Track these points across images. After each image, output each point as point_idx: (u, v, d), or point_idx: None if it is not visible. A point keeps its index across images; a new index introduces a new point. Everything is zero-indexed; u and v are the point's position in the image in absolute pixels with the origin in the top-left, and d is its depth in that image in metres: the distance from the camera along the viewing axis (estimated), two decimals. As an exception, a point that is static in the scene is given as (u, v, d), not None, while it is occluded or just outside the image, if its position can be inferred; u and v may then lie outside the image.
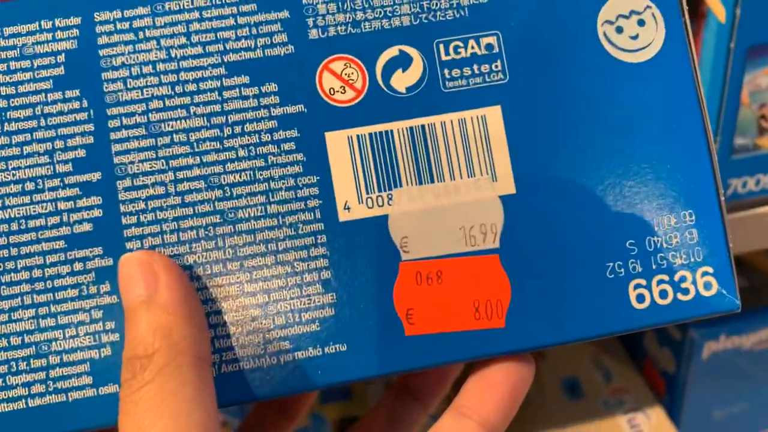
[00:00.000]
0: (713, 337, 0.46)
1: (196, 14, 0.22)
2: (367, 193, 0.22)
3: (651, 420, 0.46)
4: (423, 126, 0.22)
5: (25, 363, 0.21)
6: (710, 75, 0.38)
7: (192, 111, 0.21)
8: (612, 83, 0.22)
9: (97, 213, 0.21)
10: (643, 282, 0.22)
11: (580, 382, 0.49)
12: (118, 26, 0.22)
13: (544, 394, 0.48)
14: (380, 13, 0.22)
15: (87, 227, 0.21)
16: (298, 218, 0.21)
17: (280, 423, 0.27)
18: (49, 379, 0.21)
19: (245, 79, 0.22)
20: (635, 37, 0.23)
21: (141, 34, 0.22)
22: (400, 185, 0.22)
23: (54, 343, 0.21)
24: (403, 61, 0.22)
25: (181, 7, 0.22)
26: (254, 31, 0.22)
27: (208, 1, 0.22)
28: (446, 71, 0.22)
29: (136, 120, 0.21)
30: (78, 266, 0.21)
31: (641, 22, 0.23)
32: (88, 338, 0.21)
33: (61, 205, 0.21)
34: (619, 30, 0.23)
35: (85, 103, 0.21)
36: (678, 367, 0.48)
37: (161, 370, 0.18)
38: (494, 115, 0.22)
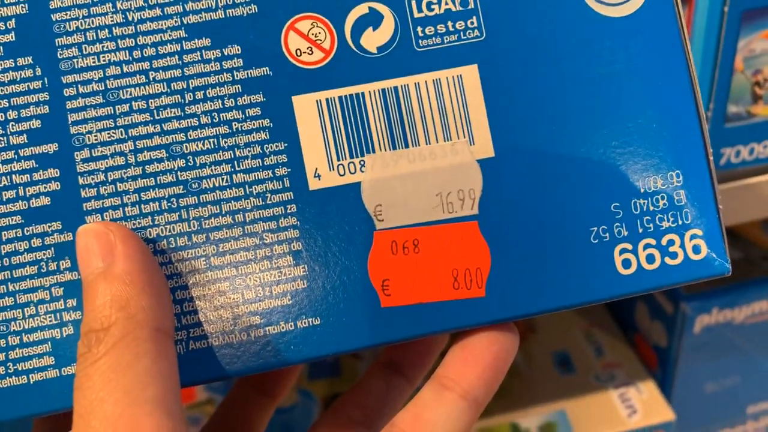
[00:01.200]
0: (705, 311, 0.46)
1: (157, -22, 0.21)
2: (338, 159, 0.21)
3: (642, 394, 0.45)
4: (396, 88, 0.21)
5: None
6: (703, 40, 0.36)
7: (151, 77, 0.20)
8: (594, 39, 0.21)
9: (54, 186, 0.20)
10: (629, 246, 0.21)
11: (572, 356, 0.48)
12: (71, -12, 0.20)
13: (535, 368, 0.47)
14: (348, -32, 0.21)
15: (44, 201, 0.20)
16: (265, 187, 0.20)
17: (262, 402, 0.27)
18: (9, 361, 0.20)
19: (206, 42, 0.21)
20: (618, -11, 0.21)
21: (95, -4, 0.20)
22: (373, 151, 0.21)
23: (13, 323, 0.20)
24: (373, 19, 0.21)
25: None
26: (215, -10, 0.21)
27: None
28: (419, 29, 0.21)
29: (92, 88, 0.20)
30: (36, 242, 0.20)
31: (624, -27, 0.22)
32: (49, 317, 0.20)
33: (17, 179, 0.20)
34: (601, -18, 0.21)
35: (38, 71, 0.20)
36: (670, 341, 0.47)
37: (116, 343, 0.18)
38: (471, 74, 0.21)
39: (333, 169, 0.21)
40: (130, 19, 0.20)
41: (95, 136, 0.20)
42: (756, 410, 0.52)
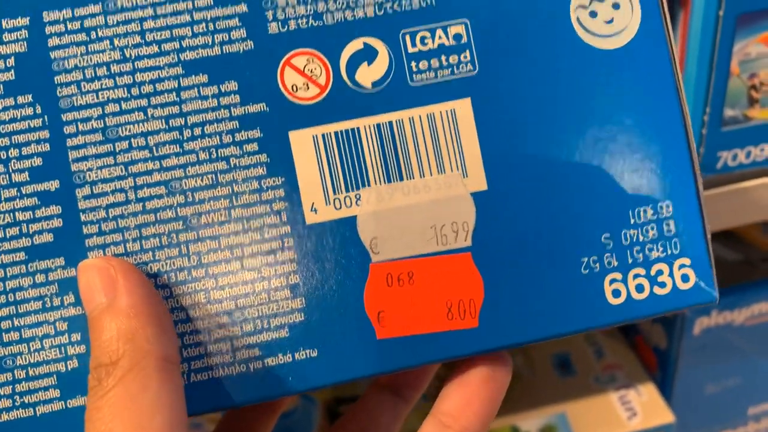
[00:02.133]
0: (705, 313, 0.46)
1: (150, 11, 0.21)
2: (335, 193, 0.21)
3: (642, 396, 0.46)
4: (390, 122, 0.21)
5: None
6: (699, 44, 0.37)
7: (150, 113, 0.21)
8: (586, 72, 0.22)
9: (57, 223, 0.21)
10: (619, 276, 0.22)
11: (572, 358, 0.49)
12: (69, 26, 0.21)
13: (535, 370, 0.48)
14: (343, 3, 0.21)
15: (47, 237, 0.21)
16: (263, 222, 0.21)
17: (261, 419, 0.27)
18: (16, 394, 0.20)
19: (204, 78, 0.21)
20: (610, 22, 0.22)
21: (93, 34, 0.21)
22: (368, 185, 0.21)
23: (19, 357, 0.20)
24: (368, 55, 0.21)
25: (134, 4, 0.21)
26: (211, 26, 0.21)
27: (162, -5, 0.21)
28: (413, 64, 0.21)
29: (92, 125, 0.21)
30: (40, 278, 0.20)
31: (616, 6, 0.22)
32: (54, 351, 0.20)
33: (20, 216, 0.20)
34: (593, 14, 0.22)
35: (38, 109, 0.21)
36: (670, 342, 0.47)
37: (125, 375, 0.18)
38: (464, 108, 0.21)
39: (329, 203, 0.21)
40: (127, 56, 0.21)
41: (96, 173, 0.21)
42: (757, 411, 0.52)
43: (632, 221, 0.22)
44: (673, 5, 0.38)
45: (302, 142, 0.21)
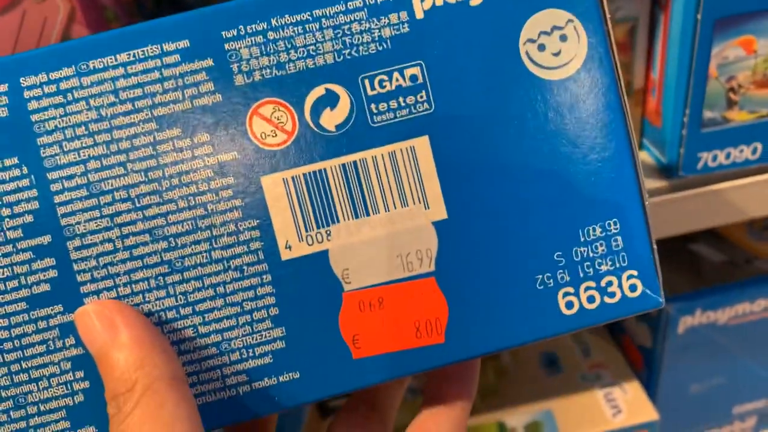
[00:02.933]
0: (689, 312, 0.46)
1: (121, 70, 0.22)
2: (307, 231, 0.23)
3: (627, 394, 0.46)
4: (355, 162, 0.23)
5: (5, 415, 0.23)
6: (678, 47, 0.37)
7: (129, 168, 0.22)
8: (536, 102, 0.23)
9: (52, 273, 0.22)
10: (571, 290, 0.24)
11: (559, 356, 0.49)
12: (46, 90, 0.22)
13: (522, 367, 0.48)
14: (303, 52, 0.22)
15: (45, 287, 0.22)
16: (242, 261, 0.23)
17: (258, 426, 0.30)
18: (30, 427, 0.23)
19: (177, 132, 0.22)
20: (558, 54, 0.23)
21: (69, 96, 0.22)
22: (338, 221, 0.23)
23: (30, 395, 0.23)
24: (330, 100, 0.23)
25: (106, 65, 0.22)
26: (180, 82, 0.22)
27: (131, 56, 0.22)
28: (373, 106, 0.23)
29: (76, 182, 0.22)
30: (42, 324, 0.22)
31: (563, 38, 0.23)
32: (61, 388, 0.23)
33: (18, 269, 0.22)
34: (542, 48, 0.23)
35: (25, 170, 0.22)
36: (654, 341, 0.47)
37: (140, 398, 0.20)
38: (423, 145, 0.23)
39: (302, 240, 0.23)
40: (104, 115, 0.22)
41: (84, 225, 0.22)
42: (742, 411, 0.52)
43: (582, 239, 0.23)
44: (654, 9, 0.39)
45: (274, 185, 0.23)
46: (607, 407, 0.46)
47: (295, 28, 0.22)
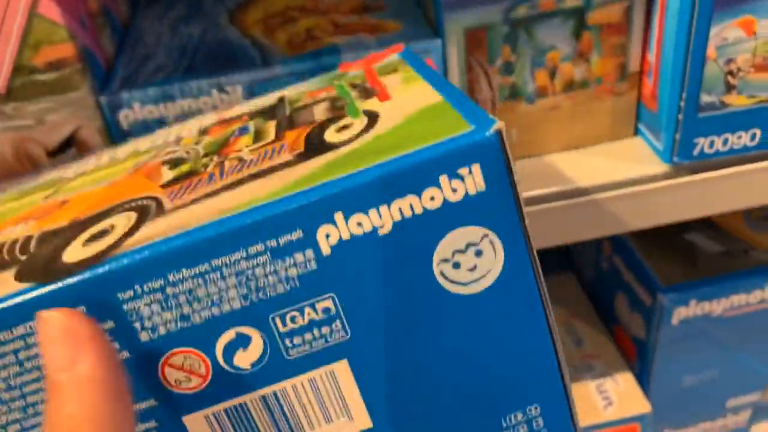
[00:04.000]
0: (683, 303, 0.45)
1: (21, 342, 0.21)
2: (236, 458, 0.23)
3: (619, 386, 0.44)
4: (275, 392, 0.23)
5: None
6: (675, 29, 0.34)
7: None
8: (450, 316, 0.22)
9: None
10: None
11: None
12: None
13: None
14: (207, 303, 0.21)
15: None
16: None
17: None
18: None
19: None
20: (473, 269, 0.22)
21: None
22: (265, 445, 0.23)
23: None
24: (242, 342, 0.22)
25: (7, 339, 0.21)
26: (85, 343, 0.21)
27: (27, 328, 0.21)
28: (287, 341, 0.22)
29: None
30: None
31: (479, 252, 0.22)
32: None
33: None
34: (456, 265, 0.22)
35: None
36: (648, 332, 0.46)
37: None
38: (342, 368, 0.23)
39: (233, 466, 0.23)
40: (12, 384, 0.22)
41: None
42: (736, 404, 0.51)
43: (504, 425, 0.24)
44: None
45: (197, 422, 0.23)
46: (598, 399, 0.45)
47: (195, 281, 0.21)
